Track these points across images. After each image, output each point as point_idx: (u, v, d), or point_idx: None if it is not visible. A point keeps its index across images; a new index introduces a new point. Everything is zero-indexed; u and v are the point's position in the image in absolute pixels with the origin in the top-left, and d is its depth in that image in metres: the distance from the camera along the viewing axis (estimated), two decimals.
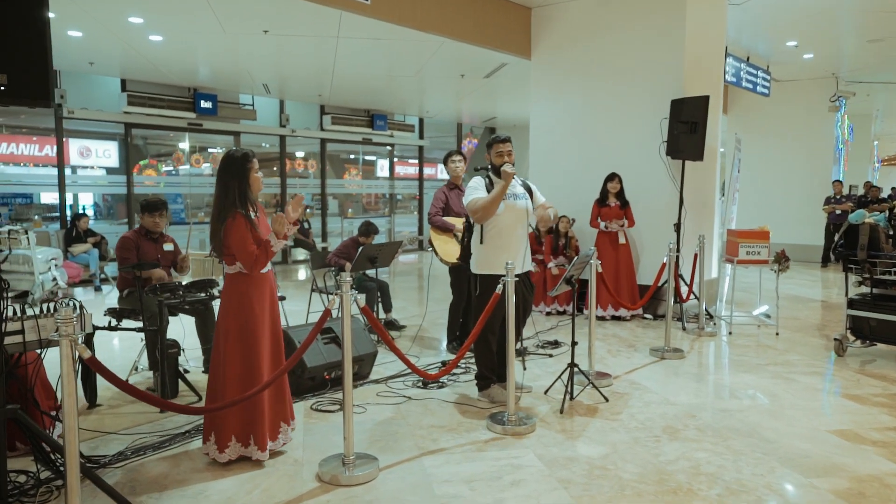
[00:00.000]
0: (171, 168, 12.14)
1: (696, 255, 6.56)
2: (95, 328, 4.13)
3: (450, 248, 5.60)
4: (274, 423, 3.46)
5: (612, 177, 7.10)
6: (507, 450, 3.58)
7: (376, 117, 13.79)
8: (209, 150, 12.34)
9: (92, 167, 10.57)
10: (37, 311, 3.09)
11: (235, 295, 3.32)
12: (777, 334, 6.45)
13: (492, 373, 4.44)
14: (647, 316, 7.27)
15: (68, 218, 9.73)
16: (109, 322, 4.18)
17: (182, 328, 5.02)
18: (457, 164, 5.77)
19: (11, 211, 10.22)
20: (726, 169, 11.22)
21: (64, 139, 9.96)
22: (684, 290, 6.80)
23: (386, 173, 15.62)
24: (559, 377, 4.57)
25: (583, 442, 3.69)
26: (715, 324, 6.90)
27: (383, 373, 5.07)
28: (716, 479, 3.21)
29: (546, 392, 4.58)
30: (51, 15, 6.68)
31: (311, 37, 7.65)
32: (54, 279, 8.10)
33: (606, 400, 4.41)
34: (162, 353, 4.02)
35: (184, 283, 4.48)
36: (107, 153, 10.56)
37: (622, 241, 7.12)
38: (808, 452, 3.56)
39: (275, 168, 12.99)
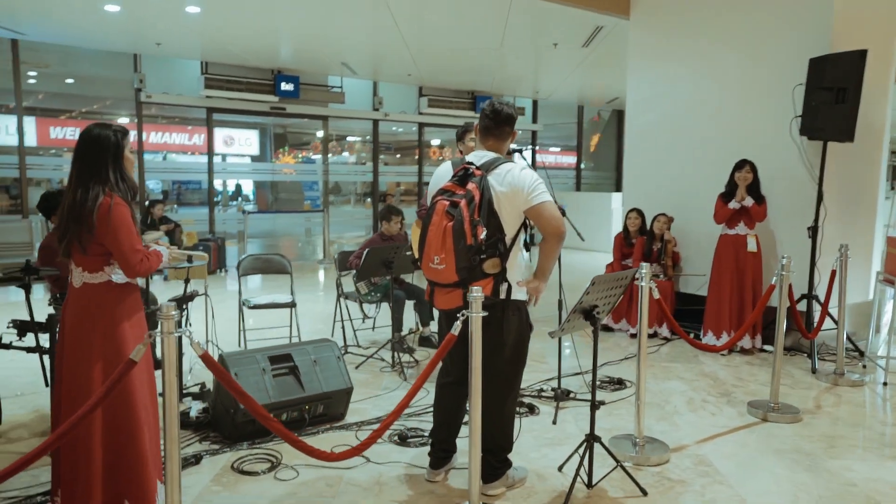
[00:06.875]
0: (310, 155, 12.59)
1: (832, 272, 4.71)
2: None
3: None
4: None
5: (742, 164, 5.34)
6: None
7: (479, 99, 12.59)
8: (348, 138, 12.27)
9: (241, 155, 10.86)
10: None
11: (109, 310, 2.44)
12: None
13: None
14: (766, 348, 5.49)
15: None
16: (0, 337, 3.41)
17: None
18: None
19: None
20: None
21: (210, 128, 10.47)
22: (827, 320, 4.96)
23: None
24: (576, 450, 3.16)
25: None
26: (864, 366, 4.99)
27: (368, 412, 3.93)
28: None
29: (560, 468, 3.19)
30: None
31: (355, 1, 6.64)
32: None
33: (644, 494, 2.94)
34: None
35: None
36: (248, 141, 10.58)
37: (752, 248, 5.36)
38: None
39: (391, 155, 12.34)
